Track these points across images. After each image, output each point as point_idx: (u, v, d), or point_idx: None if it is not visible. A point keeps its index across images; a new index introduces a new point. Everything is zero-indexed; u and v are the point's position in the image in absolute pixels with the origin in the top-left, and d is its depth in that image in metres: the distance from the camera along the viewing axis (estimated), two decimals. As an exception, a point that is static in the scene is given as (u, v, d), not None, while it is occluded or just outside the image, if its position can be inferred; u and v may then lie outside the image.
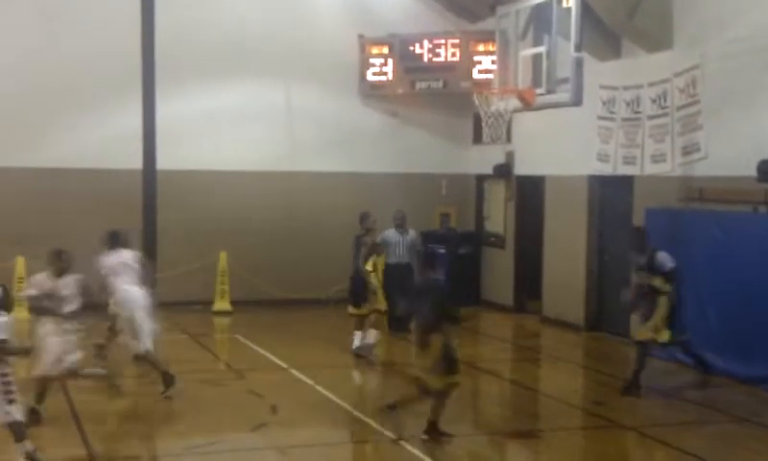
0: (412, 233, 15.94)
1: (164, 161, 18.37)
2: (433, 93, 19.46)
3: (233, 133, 18.82)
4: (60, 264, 10.41)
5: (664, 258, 11.90)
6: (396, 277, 15.12)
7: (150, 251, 18.42)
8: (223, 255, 18.04)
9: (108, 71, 17.90)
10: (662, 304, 11.73)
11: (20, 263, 16.91)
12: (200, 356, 14.56)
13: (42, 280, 10.37)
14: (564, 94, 13.75)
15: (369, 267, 14.50)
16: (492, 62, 18.03)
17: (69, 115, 17.86)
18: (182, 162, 18.28)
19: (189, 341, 15.53)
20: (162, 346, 16.05)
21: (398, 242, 15.71)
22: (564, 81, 13.71)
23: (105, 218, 17.77)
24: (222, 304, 18.08)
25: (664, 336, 11.80)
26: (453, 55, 19.03)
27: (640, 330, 12.08)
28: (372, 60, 19.56)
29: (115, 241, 12.39)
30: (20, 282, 16.82)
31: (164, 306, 17.85)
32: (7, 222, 17.22)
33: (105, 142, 17.95)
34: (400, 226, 15.82)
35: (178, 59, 18.15)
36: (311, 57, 19.11)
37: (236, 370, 13.36)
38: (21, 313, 16.61)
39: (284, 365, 13.65)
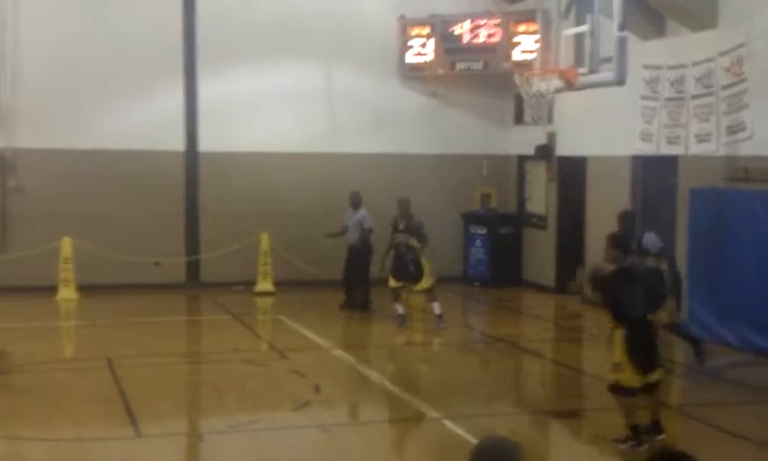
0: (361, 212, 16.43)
1: (206, 143, 18.58)
2: (473, 74, 19.38)
3: (275, 114, 18.87)
4: None
5: (652, 240, 11.88)
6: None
7: (192, 232, 18.68)
8: (265, 236, 18.14)
9: (151, 54, 18.04)
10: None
11: (66, 244, 17.12)
12: (243, 336, 14.68)
13: None
14: (606, 74, 13.64)
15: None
16: (535, 42, 17.95)
17: (113, 98, 18.02)
18: (224, 144, 18.40)
19: (232, 321, 15.66)
20: (205, 326, 16.35)
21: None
22: (607, 60, 13.61)
23: (148, 199, 18.09)
24: (264, 285, 18.19)
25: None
26: (494, 35, 18.93)
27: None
28: (412, 42, 19.51)
29: None
30: (66, 263, 17.08)
31: (206, 287, 18.15)
32: (53, 203, 17.44)
33: (148, 124, 18.09)
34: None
35: (220, 41, 18.27)
36: (352, 38, 19.11)
37: (279, 349, 13.46)
38: (69, 293, 16.99)
39: (326, 344, 13.74)
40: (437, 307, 14.86)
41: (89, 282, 17.05)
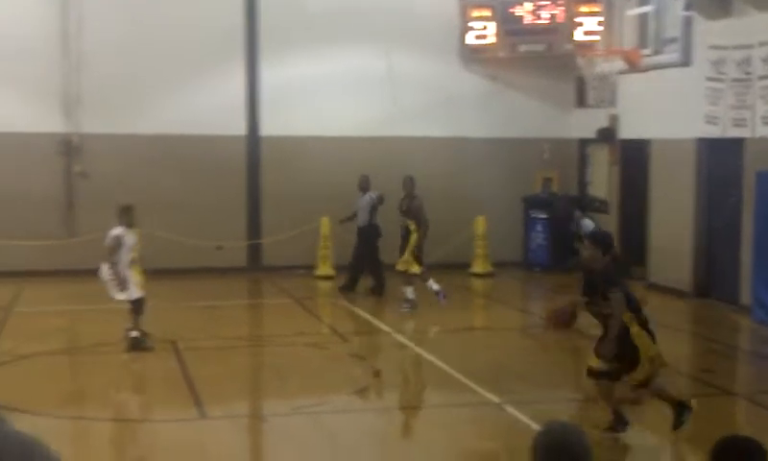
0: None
1: (268, 127, 18.69)
2: (535, 56, 19.20)
3: (335, 98, 18.91)
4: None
5: (585, 225, 11.74)
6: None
7: (254, 216, 18.83)
8: (325, 220, 18.22)
9: (214, 39, 18.19)
10: None
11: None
12: (304, 320, 14.77)
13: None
14: (671, 55, 13.49)
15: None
16: (598, 24, 17.74)
17: (176, 82, 18.22)
18: (286, 128, 18.50)
19: (294, 305, 15.77)
20: (267, 309, 16.48)
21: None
22: (672, 41, 13.44)
23: (210, 184, 18.27)
24: (325, 269, 18.28)
25: None
26: (556, 17, 18.73)
27: None
28: (473, 24, 19.38)
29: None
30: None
31: (268, 270, 18.29)
32: (117, 187, 17.66)
33: (210, 109, 18.24)
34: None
35: (281, 25, 18.36)
36: (412, 21, 19.05)
37: (340, 333, 13.53)
38: (133, 276, 17.20)
39: (387, 329, 13.77)
40: (409, 292, 14.86)
41: (153, 266, 17.25)
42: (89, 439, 8.90)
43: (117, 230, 11.94)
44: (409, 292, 14.91)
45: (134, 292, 11.94)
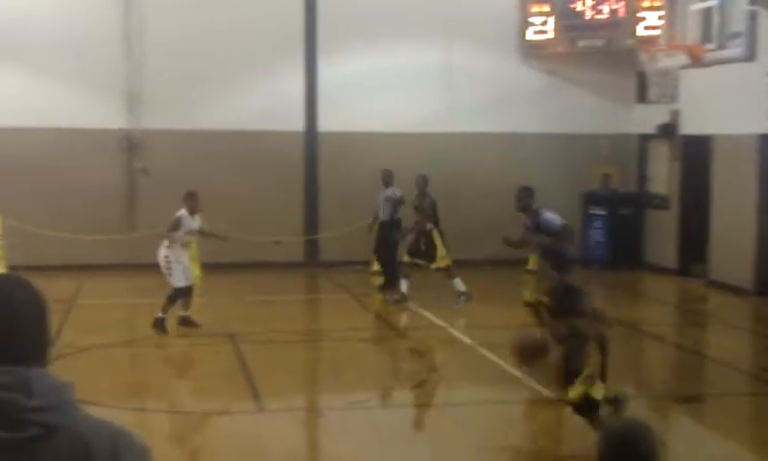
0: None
1: (326, 123, 18.75)
2: (595, 51, 19.00)
3: (393, 94, 18.91)
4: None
5: (550, 218, 11.55)
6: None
7: (311, 211, 18.91)
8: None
9: (272, 35, 18.30)
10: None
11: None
12: (360, 315, 14.81)
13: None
14: (735, 49, 13.26)
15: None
16: (659, 18, 17.49)
17: (235, 79, 18.36)
18: (343, 124, 18.54)
19: (350, 300, 15.80)
20: (323, 304, 16.54)
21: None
22: (736, 35, 13.20)
23: (268, 179, 18.39)
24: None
25: None
26: (617, 11, 18.50)
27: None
28: (532, 19, 19.24)
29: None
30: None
31: (325, 266, 18.35)
32: (177, 183, 17.83)
33: (269, 104, 18.37)
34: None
35: (340, 21, 18.40)
36: (471, 16, 18.97)
37: (397, 328, 13.53)
38: (192, 270, 17.36)
39: (443, 324, 13.74)
40: (458, 284, 14.98)
41: (212, 261, 17.44)
42: (148, 431, 9.00)
43: (179, 212, 12.60)
44: (458, 284, 14.88)
45: (180, 280, 12.36)
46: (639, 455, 3.32)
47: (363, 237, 18.12)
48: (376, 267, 16.65)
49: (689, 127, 17.87)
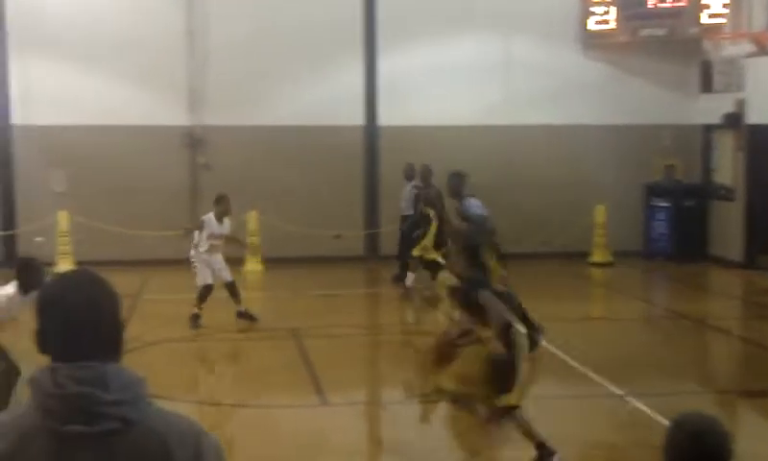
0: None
1: (386, 117, 18.78)
2: (658, 41, 18.74)
3: (452, 87, 18.86)
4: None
5: (472, 206, 11.33)
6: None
7: (371, 205, 18.96)
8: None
9: (332, 30, 18.38)
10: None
11: (252, 217, 17.67)
12: (422, 310, 14.80)
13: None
14: (802, 36, 12.94)
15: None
16: (724, 6, 17.19)
17: (295, 74, 18.48)
18: (403, 118, 18.55)
19: (408, 296, 15.78)
20: (384, 298, 16.53)
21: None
22: (804, 22, 12.90)
23: (328, 174, 18.47)
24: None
25: None
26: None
27: None
28: (593, 9, 19.04)
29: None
30: (253, 236, 17.62)
31: (386, 260, 18.35)
32: (239, 178, 18.05)
33: (329, 99, 18.46)
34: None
35: (399, 15, 18.41)
36: (531, 6, 18.83)
37: (456, 322, 13.48)
38: (254, 265, 17.52)
39: (506, 318, 13.65)
40: (410, 278, 15.10)
41: (274, 255, 17.58)
42: (214, 424, 9.10)
43: (205, 216, 12.83)
44: (410, 278, 15.07)
45: (202, 279, 12.60)
46: (709, 448, 3.26)
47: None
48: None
49: (755, 116, 17.53)
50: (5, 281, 8.20)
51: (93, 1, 17.96)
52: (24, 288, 8.01)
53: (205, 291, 12.66)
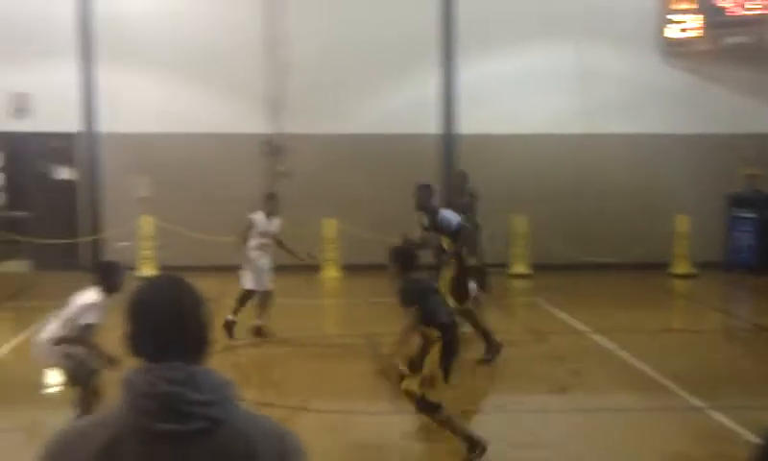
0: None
1: (464, 125, 18.80)
2: (742, 48, 18.39)
3: (529, 95, 18.81)
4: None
5: (448, 217, 10.96)
6: None
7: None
8: (520, 219, 18.11)
9: (409, 40, 18.49)
10: (450, 267, 10.73)
11: (330, 225, 17.80)
12: (499, 319, 14.73)
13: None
14: None
15: None
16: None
17: (373, 83, 18.64)
18: (479, 126, 18.54)
19: (488, 304, 15.72)
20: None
21: None
22: None
23: (404, 181, 18.47)
24: (519, 267, 18.18)
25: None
26: (766, 6, 17.86)
27: None
28: (673, 16, 18.77)
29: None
30: (329, 243, 17.76)
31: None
32: (317, 186, 18.25)
33: (406, 108, 18.56)
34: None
35: (477, 23, 18.43)
36: (608, 14, 18.69)
37: (536, 333, 13.43)
38: (332, 272, 17.60)
39: (585, 329, 13.56)
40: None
41: (351, 262, 17.69)
42: (295, 427, 9.21)
43: (253, 214, 12.65)
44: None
45: (247, 282, 12.43)
46: None
47: (499, 240, 18.03)
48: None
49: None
50: (86, 286, 8.32)
51: (178, 14, 18.35)
52: (107, 291, 8.16)
53: (246, 296, 12.58)
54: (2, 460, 8.32)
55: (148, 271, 16.90)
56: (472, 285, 15.50)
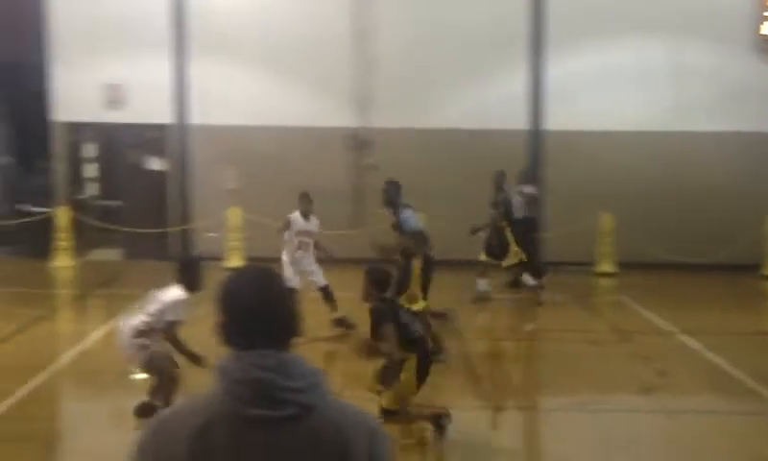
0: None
1: (551, 121, 18.65)
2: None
3: (619, 92, 18.56)
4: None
5: (407, 217, 10.57)
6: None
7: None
8: (607, 217, 17.90)
9: (498, 34, 18.42)
10: (416, 268, 10.47)
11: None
12: (584, 317, 14.63)
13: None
14: None
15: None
16: None
17: (460, 78, 18.59)
18: (568, 122, 18.37)
19: (573, 301, 15.63)
20: (546, 304, 16.36)
21: None
22: None
23: (489, 177, 18.45)
24: (605, 266, 17.98)
25: (420, 305, 10.40)
26: None
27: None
28: (769, 13, 18.33)
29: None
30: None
31: (553, 265, 18.14)
32: (402, 180, 18.24)
33: (492, 103, 18.50)
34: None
35: (568, 18, 18.25)
36: (701, 10, 18.32)
37: (621, 332, 13.28)
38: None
39: (671, 329, 13.36)
40: (527, 280, 15.15)
41: (441, 258, 17.63)
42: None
43: (290, 214, 12.62)
44: (527, 280, 15.13)
45: (290, 279, 12.01)
46: None
47: (585, 238, 17.86)
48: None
49: None
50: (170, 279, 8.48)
51: (267, 8, 18.58)
52: (188, 289, 8.27)
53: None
54: (89, 442, 8.58)
55: (235, 262, 17.19)
56: (528, 279, 15.49)
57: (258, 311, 2.66)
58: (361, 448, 2.58)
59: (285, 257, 12.52)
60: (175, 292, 8.28)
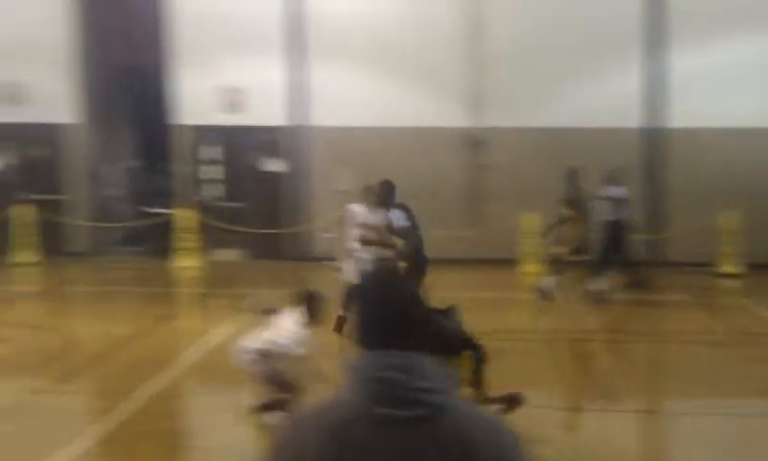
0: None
1: (671, 118, 18.25)
2: None
3: (744, 88, 17.98)
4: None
5: (395, 217, 10.89)
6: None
7: (654, 209, 18.48)
8: (731, 215, 17.37)
9: (611, 32, 18.11)
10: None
11: (530, 219, 17.68)
12: (706, 318, 14.28)
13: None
14: None
15: None
16: None
17: (572, 76, 18.37)
18: (690, 119, 17.92)
19: (692, 301, 15.28)
20: (665, 305, 16.03)
21: None
22: None
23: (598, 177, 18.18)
24: (728, 267, 17.47)
25: None
26: None
27: None
28: None
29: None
30: (528, 238, 17.63)
31: (669, 265, 17.76)
32: (516, 180, 18.20)
33: (605, 101, 18.21)
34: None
35: (686, 13, 17.83)
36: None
37: (745, 334, 12.92)
38: (531, 267, 17.51)
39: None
40: (549, 283, 14.62)
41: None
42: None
43: (351, 205, 12.20)
44: (549, 283, 14.68)
45: (350, 274, 11.38)
46: None
47: (708, 237, 17.40)
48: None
49: None
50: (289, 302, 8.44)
51: (380, 11, 18.72)
52: (312, 320, 8.17)
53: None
54: (210, 437, 8.80)
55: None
56: (598, 282, 15.06)
57: (389, 313, 2.73)
58: (489, 451, 2.61)
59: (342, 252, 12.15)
60: (297, 327, 8.17)
